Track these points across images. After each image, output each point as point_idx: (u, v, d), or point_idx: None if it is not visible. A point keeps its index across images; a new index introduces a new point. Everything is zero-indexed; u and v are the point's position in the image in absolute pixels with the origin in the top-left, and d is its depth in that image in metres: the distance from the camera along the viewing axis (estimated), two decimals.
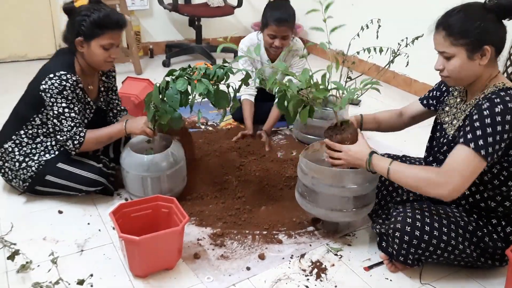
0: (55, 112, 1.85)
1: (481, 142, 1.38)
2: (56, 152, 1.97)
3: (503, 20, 1.44)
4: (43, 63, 1.99)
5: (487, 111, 1.40)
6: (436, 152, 1.66)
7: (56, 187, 1.95)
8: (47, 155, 1.96)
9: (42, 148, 1.96)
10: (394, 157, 1.86)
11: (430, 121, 1.81)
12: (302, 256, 1.75)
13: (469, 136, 1.40)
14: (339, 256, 1.76)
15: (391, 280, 1.66)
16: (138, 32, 4.11)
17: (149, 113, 1.85)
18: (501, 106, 1.39)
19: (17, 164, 1.93)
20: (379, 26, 1.71)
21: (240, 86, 1.85)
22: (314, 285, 1.62)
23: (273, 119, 2.68)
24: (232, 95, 1.83)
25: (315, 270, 1.68)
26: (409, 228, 1.53)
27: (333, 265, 1.72)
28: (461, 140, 1.42)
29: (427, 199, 1.70)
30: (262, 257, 1.73)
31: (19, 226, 1.83)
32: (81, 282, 1.53)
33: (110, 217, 1.60)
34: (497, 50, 1.45)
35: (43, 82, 1.83)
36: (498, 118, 1.38)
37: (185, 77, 1.76)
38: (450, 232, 1.53)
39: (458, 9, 1.46)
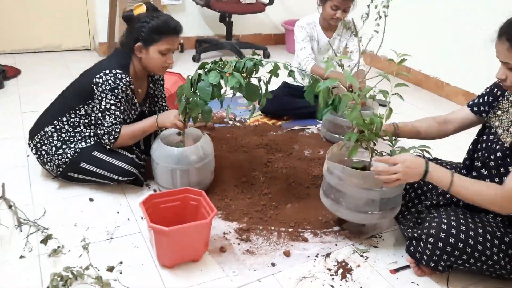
0: (102, 107, 1.92)
1: None
2: (92, 142, 2.02)
3: None
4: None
5: None
6: (486, 158, 1.60)
7: (89, 175, 2.00)
8: (83, 143, 2.01)
9: (80, 137, 2.02)
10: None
11: None
12: (328, 255, 1.75)
13: None
14: (365, 258, 1.75)
15: (417, 285, 1.64)
16: None
17: (180, 106, 1.88)
18: None
19: (53, 149, 1.99)
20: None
21: (270, 78, 1.85)
22: (339, 285, 1.61)
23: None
24: (263, 88, 1.84)
25: (341, 270, 1.68)
26: (443, 234, 1.50)
27: (359, 266, 1.71)
28: None
29: (462, 206, 1.66)
30: (287, 254, 1.74)
31: (51, 211, 1.89)
32: (110, 269, 1.57)
33: (140, 207, 1.63)
34: None
35: (98, 76, 1.90)
36: None
37: (217, 70, 1.78)
38: (486, 241, 1.50)
39: None
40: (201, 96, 1.79)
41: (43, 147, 2.02)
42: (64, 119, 2.01)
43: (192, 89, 1.81)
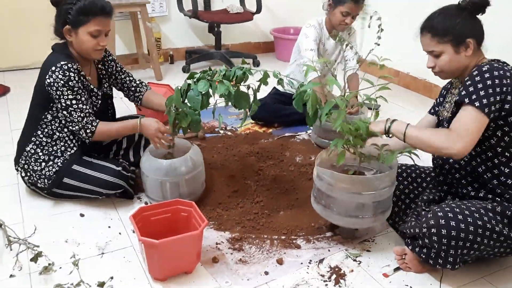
0: (63, 104, 1.88)
1: (479, 99, 1.50)
2: (77, 145, 2.00)
3: (477, 16, 1.61)
4: None
5: (476, 74, 1.54)
6: None
7: (74, 190, 1.98)
8: (68, 149, 1.99)
9: (62, 144, 2.00)
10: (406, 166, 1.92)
11: None
12: (321, 261, 1.75)
13: (468, 97, 1.53)
14: (358, 262, 1.75)
15: (411, 287, 1.63)
16: (158, 38, 4.17)
17: (170, 117, 1.88)
18: (488, 66, 1.54)
19: (43, 163, 1.97)
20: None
21: (259, 86, 1.85)
22: None
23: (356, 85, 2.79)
24: (252, 96, 1.84)
25: (334, 276, 1.67)
26: (443, 221, 1.52)
27: (352, 271, 1.70)
28: (466, 100, 1.53)
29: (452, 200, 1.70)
30: (280, 262, 1.73)
31: (42, 229, 1.87)
32: (101, 285, 1.56)
33: (130, 220, 1.62)
34: (478, 41, 1.62)
35: (47, 77, 1.87)
36: (487, 75, 1.52)
37: (206, 79, 1.79)
38: (482, 216, 1.52)
39: (437, 12, 1.64)
40: (191, 106, 1.79)
41: (30, 166, 2.00)
42: (39, 132, 1.99)
43: (182, 99, 1.81)
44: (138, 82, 2.24)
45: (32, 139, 2.00)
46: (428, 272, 1.69)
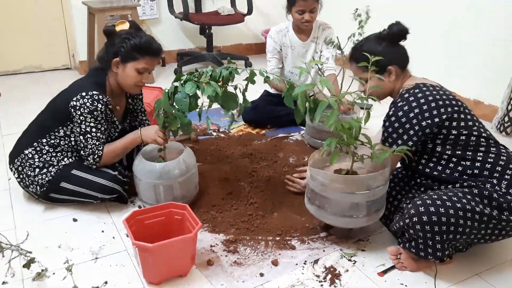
0: (83, 129, 1.91)
1: (395, 143, 1.69)
2: (75, 158, 2.01)
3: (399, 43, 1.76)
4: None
5: (388, 118, 1.72)
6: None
7: (71, 195, 1.97)
8: (65, 160, 1.99)
9: (60, 154, 2.00)
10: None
11: None
12: (316, 262, 1.74)
13: (386, 141, 1.72)
14: (353, 262, 1.75)
15: (406, 286, 1.64)
16: None
17: (159, 120, 1.87)
18: (394, 109, 1.70)
19: (37, 170, 1.96)
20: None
21: (247, 86, 1.85)
22: None
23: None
24: (240, 96, 1.84)
25: (329, 276, 1.67)
26: (422, 208, 1.54)
27: (347, 270, 1.70)
28: (386, 144, 1.72)
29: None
30: (275, 263, 1.73)
31: (34, 235, 1.86)
32: None
33: (124, 224, 1.61)
34: (401, 66, 1.77)
35: (75, 99, 1.88)
36: (393, 119, 1.69)
37: (193, 81, 1.78)
38: (461, 199, 1.54)
39: (361, 43, 1.80)
40: (179, 108, 1.78)
41: (24, 169, 1.99)
42: (44, 140, 1.98)
43: (170, 101, 1.80)
44: (147, 124, 2.28)
45: (34, 144, 1.99)
46: (423, 271, 1.70)
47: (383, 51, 1.72)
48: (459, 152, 1.65)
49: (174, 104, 1.79)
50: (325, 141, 1.67)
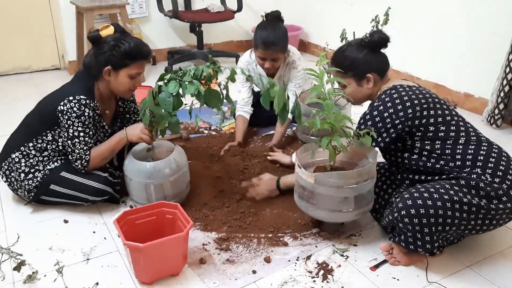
0: (70, 134, 1.89)
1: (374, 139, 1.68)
2: (62, 161, 1.99)
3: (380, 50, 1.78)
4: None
5: (364, 116, 1.75)
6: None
7: (61, 197, 1.96)
8: (51, 164, 1.97)
9: (47, 159, 1.98)
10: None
11: None
12: (308, 257, 1.75)
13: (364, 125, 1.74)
14: (345, 257, 1.75)
15: (398, 280, 1.64)
16: None
17: (144, 119, 1.86)
18: (369, 109, 1.74)
19: (22, 175, 1.95)
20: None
21: (227, 84, 1.84)
22: (320, 286, 1.61)
23: (280, 134, 2.59)
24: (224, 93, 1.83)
25: (322, 272, 1.67)
26: (410, 201, 1.56)
27: (340, 266, 1.71)
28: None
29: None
30: (268, 260, 1.73)
31: (25, 237, 1.84)
32: None
33: (114, 224, 1.61)
34: (380, 73, 1.80)
35: (62, 104, 1.86)
36: (367, 117, 1.73)
37: (177, 80, 1.77)
38: (448, 190, 1.56)
39: (343, 48, 1.82)
40: (163, 108, 1.77)
41: (12, 174, 1.97)
42: (31, 144, 1.96)
43: (155, 101, 1.80)
44: None
45: (21, 148, 1.97)
46: (415, 264, 1.70)
47: (364, 58, 1.76)
48: (438, 146, 1.66)
49: (159, 103, 1.78)
50: (316, 139, 1.69)
